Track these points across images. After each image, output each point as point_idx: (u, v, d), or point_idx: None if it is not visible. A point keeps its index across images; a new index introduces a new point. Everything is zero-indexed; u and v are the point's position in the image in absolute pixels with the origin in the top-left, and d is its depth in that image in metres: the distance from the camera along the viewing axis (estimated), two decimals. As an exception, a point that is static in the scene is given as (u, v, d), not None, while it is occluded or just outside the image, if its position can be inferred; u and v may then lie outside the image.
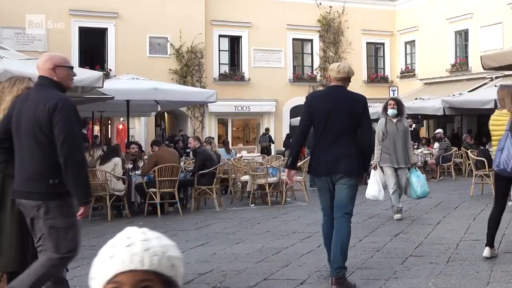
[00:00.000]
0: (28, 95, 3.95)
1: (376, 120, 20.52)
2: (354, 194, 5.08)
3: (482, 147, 14.34)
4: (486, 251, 5.74)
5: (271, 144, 23.03)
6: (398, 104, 8.71)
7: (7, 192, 3.92)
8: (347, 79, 5.53)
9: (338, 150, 5.02)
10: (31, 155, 3.78)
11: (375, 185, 8.18)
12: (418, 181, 8.32)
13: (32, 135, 3.75)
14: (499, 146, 5.52)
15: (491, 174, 9.39)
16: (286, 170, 5.21)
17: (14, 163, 3.85)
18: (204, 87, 20.77)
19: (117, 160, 9.97)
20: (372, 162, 7.87)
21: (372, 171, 8.32)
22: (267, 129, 23.44)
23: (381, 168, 8.49)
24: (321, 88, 25.43)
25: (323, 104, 5.30)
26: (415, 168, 8.56)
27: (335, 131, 5.08)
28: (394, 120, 8.53)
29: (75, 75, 4.12)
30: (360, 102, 5.36)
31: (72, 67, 4.09)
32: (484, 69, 9.63)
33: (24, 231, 3.89)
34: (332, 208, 5.09)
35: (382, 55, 27.58)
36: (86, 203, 3.84)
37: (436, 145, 16.41)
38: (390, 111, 8.56)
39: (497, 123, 5.80)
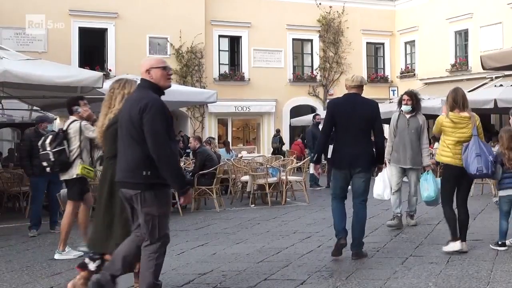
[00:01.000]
0: (131, 95, 4.43)
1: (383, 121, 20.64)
2: (369, 184, 6.16)
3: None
4: (458, 245, 6.07)
5: (282, 145, 22.91)
6: (413, 99, 7.86)
7: (107, 181, 4.45)
8: (360, 87, 6.26)
9: (357, 148, 6.02)
10: (128, 150, 4.20)
11: (381, 184, 7.48)
12: (425, 184, 6.96)
13: (128, 132, 4.18)
14: (474, 151, 5.87)
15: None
16: (313, 165, 6.05)
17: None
18: (204, 87, 20.79)
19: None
20: (386, 160, 7.92)
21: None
22: (278, 131, 23.31)
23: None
24: (321, 88, 25.49)
25: (343, 109, 6.13)
26: (427, 171, 7.11)
27: (354, 131, 6.05)
28: (407, 116, 7.84)
29: (171, 74, 4.46)
30: (373, 106, 6.25)
31: (165, 67, 4.37)
32: (484, 69, 9.63)
33: (127, 217, 4.35)
34: (342, 193, 6.17)
35: (382, 55, 27.58)
36: (184, 192, 4.25)
37: (436, 145, 16.40)
38: (404, 107, 7.85)
39: (459, 126, 6.07)
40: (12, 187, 11.18)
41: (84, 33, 21.22)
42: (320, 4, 25.09)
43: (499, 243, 6.24)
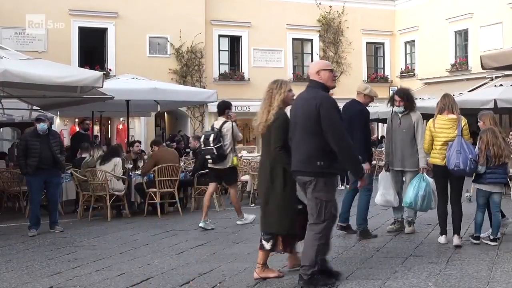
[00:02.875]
0: (301, 94, 5.08)
1: (376, 120, 20.62)
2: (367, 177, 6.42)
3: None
4: (442, 239, 6.62)
5: None
6: (404, 99, 7.39)
7: (278, 170, 5.03)
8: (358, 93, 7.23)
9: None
10: (303, 142, 4.77)
11: (389, 190, 7.32)
12: (408, 189, 7.02)
13: (304, 126, 4.77)
14: (455, 148, 6.34)
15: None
16: (364, 165, 6.32)
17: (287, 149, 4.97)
18: (204, 87, 20.77)
19: (117, 160, 9.97)
20: (383, 163, 7.90)
21: (383, 173, 7.55)
22: None
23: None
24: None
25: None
26: (417, 175, 7.06)
27: None
28: (400, 115, 7.41)
29: (336, 76, 5.10)
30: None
31: (332, 70, 5.07)
32: (484, 69, 9.61)
33: (293, 202, 5.05)
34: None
35: (382, 55, 27.57)
36: (361, 177, 5.06)
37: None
38: (397, 109, 7.44)
39: (444, 126, 6.58)
40: (12, 186, 11.18)
41: (84, 33, 21.21)
42: (320, 4, 25.08)
43: (474, 235, 6.63)
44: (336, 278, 4.99)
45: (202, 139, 8.62)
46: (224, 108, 8.78)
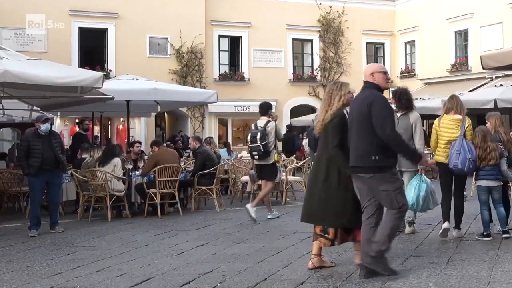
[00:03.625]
0: (357, 96, 5.36)
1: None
2: None
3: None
4: (446, 224, 6.93)
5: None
6: (396, 98, 7.42)
7: (333, 168, 5.30)
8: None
9: None
10: (359, 140, 5.11)
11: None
12: (408, 189, 6.77)
13: (359, 125, 5.11)
14: (455, 148, 6.65)
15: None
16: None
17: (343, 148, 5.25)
18: (204, 87, 20.78)
19: (116, 161, 9.96)
20: None
21: None
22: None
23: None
24: (321, 88, 25.45)
25: None
26: (416, 175, 6.89)
27: None
28: (398, 115, 7.25)
29: (389, 78, 5.43)
30: None
31: (386, 72, 5.37)
32: (484, 69, 9.61)
33: (352, 196, 5.29)
34: None
35: (382, 55, 27.57)
36: (418, 161, 5.45)
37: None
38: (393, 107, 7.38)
39: (449, 126, 6.89)
40: (12, 187, 11.18)
41: (84, 33, 21.22)
42: (320, 4, 25.08)
43: (484, 233, 6.79)
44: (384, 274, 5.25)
45: (249, 137, 9.30)
46: (267, 108, 9.55)
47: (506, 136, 7.06)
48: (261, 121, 9.28)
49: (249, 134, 9.35)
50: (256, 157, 9.16)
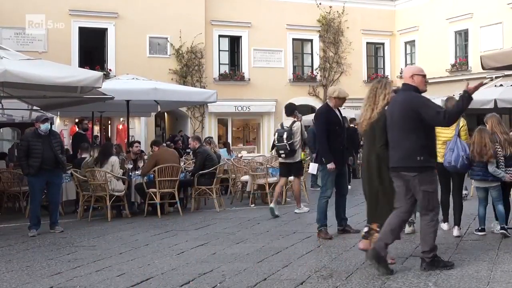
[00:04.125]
0: (396, 96, 5.51)
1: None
2: (322, 178, 7.52)
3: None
4: (445, 226, 7.32)
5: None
6: None
7: (384, 166, 5.48)
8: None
9: None
10: (403, 140, 5.24)
11: None
12: None
13: (402, 126, 5.25)
14: (449, 146, 6.89)
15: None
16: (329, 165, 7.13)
17: (388, 146, 5.44)
18: (204, 87, 20.77)
19: (113, 160, 9.94)
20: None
21: None
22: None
23: None
24: (321, 88, 25.44)
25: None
26: None
27: None
28: None
29: (427, 81, 5.59)
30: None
31: (425, 75, 5.54)
32: (484, 69, 9.61)
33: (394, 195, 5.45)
34: None
35: (382, 55, 27.56)
36: (470, 95, 5.48)
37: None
38: None
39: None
40: (12, 186, 11.19)
41: (84, 33, 21.20)
42: (320, 4, 25.07)
43: (479, 228, 7.10)
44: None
45: (276, 137, 9.73)
46: (292, 109, 10.04)
47: (503, 135, 7.13)
48: (287, 122, 9.86)
49: (276, 134, 9.80)
50: (283, 155, 9.62)
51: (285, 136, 9.53)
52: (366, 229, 5.80)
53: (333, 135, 7.34)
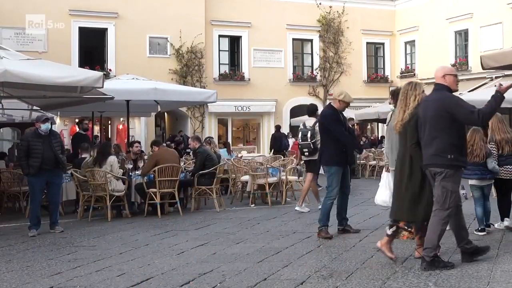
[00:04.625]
0: (429, 96, 5.66)
1: (376, 121, 20.60)
2: (329, 179, 7.50)
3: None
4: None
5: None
6: (395, 97, 7.09)
7: (415, 165, 5.60)
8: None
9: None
10: (435, 139, 5.39)
11: (386, 190, 7.35)
12: None
13: (434, 125, 5.40)
14: None
15: None
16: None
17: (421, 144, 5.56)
18: (204, 87, 20.77)
19: (112, 159, 9.94)
20: (383, 163, 8.13)
21: (383, 174, 7.60)
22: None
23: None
24: (321, 88, 25.45)
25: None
26: None
27: None
28: None
29: (459, 80, 5.72)
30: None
31: (456, 75, 5.65)
32: (484, 69, 9.60)
33: (426, 192, 5.60)
34: None
35: (382, 55, 27.57)
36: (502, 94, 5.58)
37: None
38: (392, 107, 7.47)
39: None
40: (12, 186, 11.18)
41: (84, 33, 21.21)
42: (320, 4, 25.08)
43: (479, 229, 7.19)
44: (485, 251, 5.70)
45: (299, 136, 10.17)
46: (314, 110, 10.47)
47: (502, 135, 7.25)
48: (310, 121, 10.15)
49: (300, 133, 10.22)
50: (306, 153, 9.94)
51: (309, 135, 9.91)
52: (393, 228, 5.83)
53: None
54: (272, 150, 19.61)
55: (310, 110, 10.56)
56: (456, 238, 5.68)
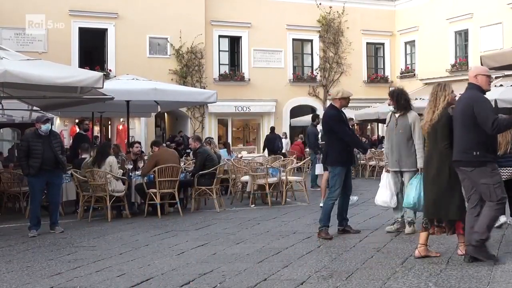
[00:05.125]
0: (462, 95, 5.80)
1: (376, 121, 20.59)
2: (332, 180, 7.52)
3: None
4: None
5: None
6: (393, 98, 7.44)
7: (445, 163, 5.74)
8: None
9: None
10: (462, 137, 5.57)
11: (386, 190, 7.43)
12: (408, 189, 6.83)
13: (462, 123, 5.57)
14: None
15: None
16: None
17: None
18: (204, 88, 20.78)
19: (111, 160, 9.93)
20: (383, 163, 8.09)
21: (383, 174, 7.69)
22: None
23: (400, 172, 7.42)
24: (321, 88, 25.45)
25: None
26: (416, 175, 6.89)
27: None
28: (397, 115, 7.37)
29: (492, 80, 5.59)
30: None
31: (489, 76, 5.81)
32: (483, 68, 9.60)
33: (457, 189, 5.76)
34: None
35: (382, 55, 27.59)
36: None
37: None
38: (391, 108, 7.57)
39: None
40: (12, 187, 11.18)
41: (84, 33, 21.22)
42: (320, 4, 25.10)
43: None
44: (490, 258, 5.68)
45: (320, 135, 10.60)
46: None
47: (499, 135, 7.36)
48: None
49: (321, 133, 10.74)
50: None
51: None
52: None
53: None
54: (266, 151, 20.12)
55: None
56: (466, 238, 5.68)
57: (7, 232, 8.84)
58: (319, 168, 13.94)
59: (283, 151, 20.49)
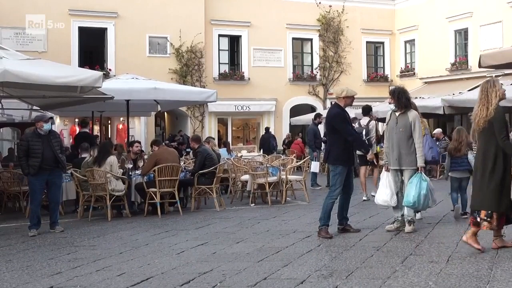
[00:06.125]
0: None
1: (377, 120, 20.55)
2: (334, 178, 7.52)
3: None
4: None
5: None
6: (394, 97, 7.51)
7: (500, 157, 5.92)
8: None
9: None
10: None
11: (386, 189, 7.42)
12: (408, 188, 7.03)
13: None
14: (429, 145, 8.13)
15: None
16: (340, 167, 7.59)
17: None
18: (204, 87, 20.78)
19: (111, 159, 9.93)
20: (382, 163, 8.17)
21: (383, 173, 7.68)
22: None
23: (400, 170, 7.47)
24: (321, 87, 25.44)
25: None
26: (416, 174, 7.12)
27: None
28: (397, 114, 7.43)
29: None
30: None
31: None
32: (480, 67, 9.60)
33: (509, 183, 5.95)
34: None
35: (382, 54, 27.57)
36: None
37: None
38: (391, 106, 7.67)
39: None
40: (12, 187, 11.18)
41: (84, 33, 21.22)
42: (320, 3, 25.08)
43: (452, 210, 8.48)
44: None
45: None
46: (368, 110, 11.86)
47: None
48: (364, 120, 11.50)
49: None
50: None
51: (364, 133, 11.13)
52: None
53: None
54: (262, 150, 20.70)
55: (365, 110, 11.83)
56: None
57: (7, 231, 8.85)
58: (314, 166, 14.00)
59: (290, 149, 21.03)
